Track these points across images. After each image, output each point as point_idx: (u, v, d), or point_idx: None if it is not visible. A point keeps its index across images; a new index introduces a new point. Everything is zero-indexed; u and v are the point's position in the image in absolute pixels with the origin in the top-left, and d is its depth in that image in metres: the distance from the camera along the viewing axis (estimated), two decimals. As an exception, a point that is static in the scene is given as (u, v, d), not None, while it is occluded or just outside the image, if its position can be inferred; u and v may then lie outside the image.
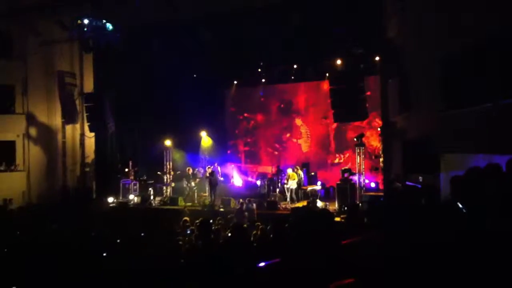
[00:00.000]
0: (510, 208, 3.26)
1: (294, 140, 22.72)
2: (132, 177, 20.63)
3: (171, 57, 19.17)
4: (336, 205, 16.36)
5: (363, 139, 17.55)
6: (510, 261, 2.53)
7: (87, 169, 22.31)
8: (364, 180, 17.46)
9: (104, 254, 6.98)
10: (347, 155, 21.15)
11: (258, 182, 20.44)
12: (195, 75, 21.61)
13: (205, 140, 23.34)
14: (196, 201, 18.87)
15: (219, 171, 20.38)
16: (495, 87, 6.92)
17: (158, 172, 21.00)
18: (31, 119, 21.11)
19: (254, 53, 18.52)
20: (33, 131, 21.17)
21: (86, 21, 18.27)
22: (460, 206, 3.40)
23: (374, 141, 20.05)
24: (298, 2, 16.92)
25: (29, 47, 20.61)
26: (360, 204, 15.11)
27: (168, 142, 21.05)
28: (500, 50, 6.66)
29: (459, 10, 8.45)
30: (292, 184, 17.70)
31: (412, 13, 12.24)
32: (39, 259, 6.65)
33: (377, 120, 19.22)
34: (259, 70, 21.58)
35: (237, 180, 21.51)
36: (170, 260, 5.98)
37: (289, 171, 18.22)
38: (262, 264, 4.41)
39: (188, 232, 10.56)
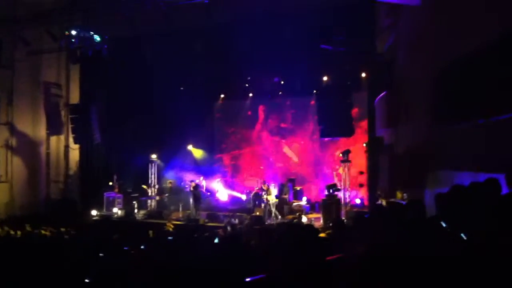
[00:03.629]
0: (493, 225, 3.28)
1: (283, 151, 22.67)
2: (116, 190, 20.44)
3: (158, 69, 19.18)
4: (321, 220, 16.34)
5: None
6: (493, 277, 2.54)
7: (71, 181, 22.11)
8: (349, 196, 17.50)
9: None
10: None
11: (244, 197, 20.38)
12: (182, 88, 21.61)
13: (195, 151, 23.33)
14: (180, 215, 18.72)
15: (204, 185, 20.29)
16: (485, 104, 6.99)
17: (143, 185, 20.86)
18: (15, 130, 20.90)
19: (242, 67, 18.57)
20: (17, 142, 20.94)
21: (73, 32, 18.23)
22: (444, 224, 3.41)
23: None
24: (287, 17, 17.07)
25: (16, 56, 20.49)
26: (345, 220, 15.12)
27: (153, 155, 20.98)
28: (491, 66, 6.73)
29: (450, 24, 8.56)
30: (272, 198, 17.46)
31: (403, 28, 12.39)
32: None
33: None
34: (247, 85, 21.66)
35: (222, 195, 21.43)
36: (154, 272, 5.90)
37: (264, 186, 17.80)
38: (247, 279, 4.39)
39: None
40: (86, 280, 5.95)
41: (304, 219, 16.41)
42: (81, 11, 17.65)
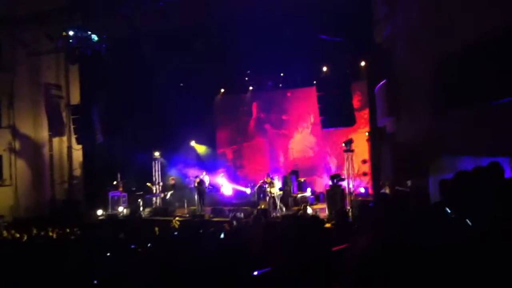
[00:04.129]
0: (496, 211, 3.28)
1: (284, 144, 22.69)
2: (121, 189, 20.49)
3: (158, 65, 19.14)
4: (327, 211, 16.36)
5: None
6: (497, 264, 2.54)
7: (75, 182, 22.16)
8: (353, 186, 17.48)
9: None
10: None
11: (248, 191, 20.40)
12: (181, 84, 21.55)
13: (198, 147, 23.34)
14: (185, 211, 18.78)
15: (207, 180, 20.29)
16: (484, 90, 6.98)
17: (147, 183, 20.90)
18: (17, 133, 20.94)
19: (240, 60, 18.54)
20: (19, 145, 20.99)
21: (71, 32, 18.22)
22: (448, 210, 3.41)
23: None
24: (284, 10, 17.01)
25: (16, 59, 20.49)
26: (349, 210, 15.13)
27: (156, 153, 21.00)
28: (490, 52, 6.72)
29: (448, 12, 8.52)
30: (276, 191, 17.48)
31: (400, 17, 12.33)
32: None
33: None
34: (246, 78, 21.60)
35: (227, 189, 21.45)
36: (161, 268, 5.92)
37: (267, 179, 17.73)
38: (255, 273, 4.40)
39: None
40: (95, 282, 5.97)
41: (309, 210, 16.43)
42: (80, 12, 17.61)
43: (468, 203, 3.52)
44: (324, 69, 18.38)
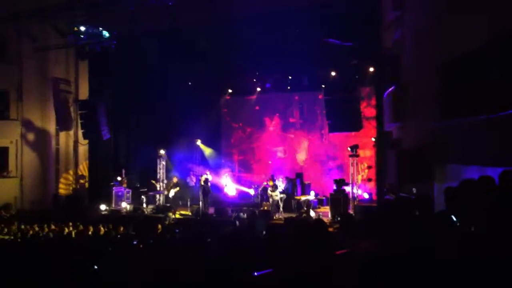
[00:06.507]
0: (500, 220, 3.26)
1: (289, 146, 22.67)
2: (125, 185, 20.55)
3: (166, 64, 19.17)
4: (329, 215, 16.34)
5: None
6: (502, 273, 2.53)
7: (80, 176, 22.27)
8: (357, 191, 17.45)
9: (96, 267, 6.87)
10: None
11: (252, 192, 20.38)
12: (190, 83, 21.56)
13: (204, 147, 23.32)
14: (188, 210, 18.79)
15: (210, 179, 20.26)
16: (491, 98, 6.94)
17: (152, 180, 20.94)
18: (25, 125, 21.05)
19: (249, 62, 18.53)
20: (26, 138, 21.10)
21: (82, 28, 18.32)
22: (454, 218, 3.40)
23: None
24: (293, 13, 17.02)
25: (24, 52, 20.59)
26: (353, 215, 15.11)
27: (161, 150, 21.03)
28: (498, 59, 6.68)
29: (457, 18, 8.49)
30: (277, 195, 17.49)
31: (409, 23, 12.30)
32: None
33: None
34: (254, 80, 21.58)
35: (231, 189, 21.44)
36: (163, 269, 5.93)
37: (270, 182, 17.93)
38: (255, 274, 4.40)
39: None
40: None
41: (312, 213, 16.42)
42: (86, 8, 17.65)
43: (472, 212, 3.51)
44: (332, 73, 18.34)
